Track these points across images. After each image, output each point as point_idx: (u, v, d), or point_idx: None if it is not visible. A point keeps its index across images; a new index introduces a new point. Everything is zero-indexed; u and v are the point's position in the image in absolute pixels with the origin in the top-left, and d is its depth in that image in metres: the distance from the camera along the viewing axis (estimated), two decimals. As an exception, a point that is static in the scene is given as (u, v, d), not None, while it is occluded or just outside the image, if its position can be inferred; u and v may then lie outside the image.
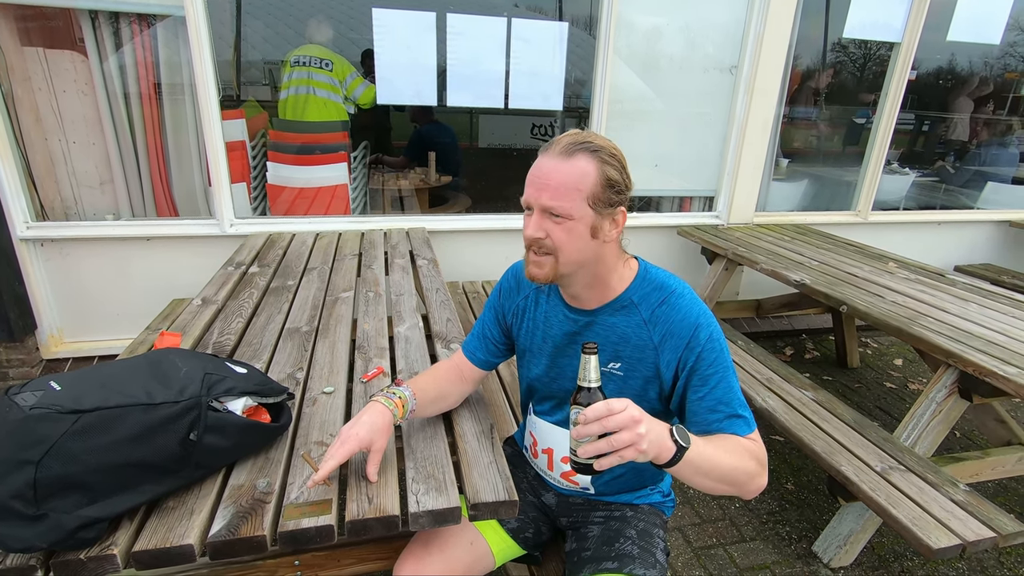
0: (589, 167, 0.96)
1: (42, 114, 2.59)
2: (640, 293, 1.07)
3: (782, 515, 2.20)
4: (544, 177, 0.98)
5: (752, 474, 0.97)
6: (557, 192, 0.96)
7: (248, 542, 0.89)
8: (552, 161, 0.97)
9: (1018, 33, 4.02)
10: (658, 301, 1.05)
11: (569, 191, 0.96)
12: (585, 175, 0.96)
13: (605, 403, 0.82)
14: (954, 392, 1.90)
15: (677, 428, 0.89)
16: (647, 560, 1.12)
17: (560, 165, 0.97)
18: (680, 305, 1.03)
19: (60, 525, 0.82)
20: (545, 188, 0.97)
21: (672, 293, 1.05)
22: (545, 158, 0.99)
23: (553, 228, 0.98)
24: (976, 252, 4.10)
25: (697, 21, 3.10)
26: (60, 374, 0.98)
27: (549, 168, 0.97)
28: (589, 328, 1.11)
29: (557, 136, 1.01)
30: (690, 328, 1.01)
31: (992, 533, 1.51)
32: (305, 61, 3.18)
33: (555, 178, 0.96)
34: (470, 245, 3.15)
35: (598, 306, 1.10)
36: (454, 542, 1.18)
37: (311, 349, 1.55)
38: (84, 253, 2.67)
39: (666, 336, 1.03)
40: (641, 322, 1.06)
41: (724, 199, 3.44)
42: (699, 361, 1.01)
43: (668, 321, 1.03)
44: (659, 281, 1.07)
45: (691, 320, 1.02)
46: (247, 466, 1.05)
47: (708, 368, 1.01)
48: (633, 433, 0.81)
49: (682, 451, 0.87)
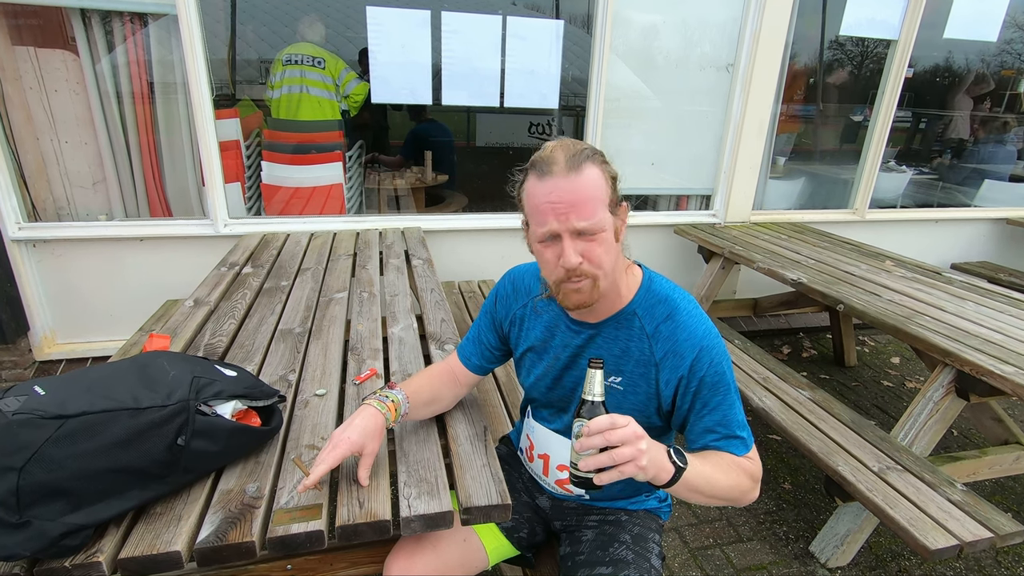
0: (596, 172, 0.92)
1: (33, 113, 2.57)
2: (644, 306, 1.04)
3: (779, 515, 2.19)
4: (565, 199, 0.90)
5: (745, 490, 0.98)
6: (585, 210, 0.90)
7: (237, 548, 0.88)
8: (564, 180, 0.90)
9: (1015, 30, 4.02)
10: (663, 316, 1.02)
11: (595, 204, 0.91)
12: (598, 182, 0.92)
13: (609, 417, 0.82)
14: (951, 391, 1.90)
15: (674, 449, 0.90)
16: (642, 566, 1.11)
17: (576, 181, 0.90)
18: (685, 324, 1.00)
19: (43, 533, 0.80)
20: (573, 210, 0.90)
21: (676, 309, 1.02)
22: (553, 180, 0.90)
23: (589, 248, 0.92)
24: (973, 250, 4.10)
25: (693, 18, 3.09)
26: (45, 378, 0.96)
27: (567, 188, 0.90)
28: (591, 341, 1.08)
29: (543, 155, 0.94)
30: (693, 350, 0.98)
31: (989, 533, 1.51)
32: (298, 59, 3.16)
33: (579, 196, 0.90)
34: (466, 244, 3.14)
35: (603, 319, 1.06)
36: (447, 539, 1.17)
37: (304, 351, 1.53)
38: (77, 254, 2.65)
39: (668, 354, 1.00)
40: (644, 336, 1.03)
41: (721, 197, 3.43)
42: (701, 385, 0.99)
43: (672, 339, 1.00)
44: (663, 294, 1.04)
45: (695, 342, 0.99)
46: (237, 470, 1.03)
47: (710, 392, 0.99)
48: (635, 448, 0.81)
49: (680, 472, 0.87)
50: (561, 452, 1.18)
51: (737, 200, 3.41)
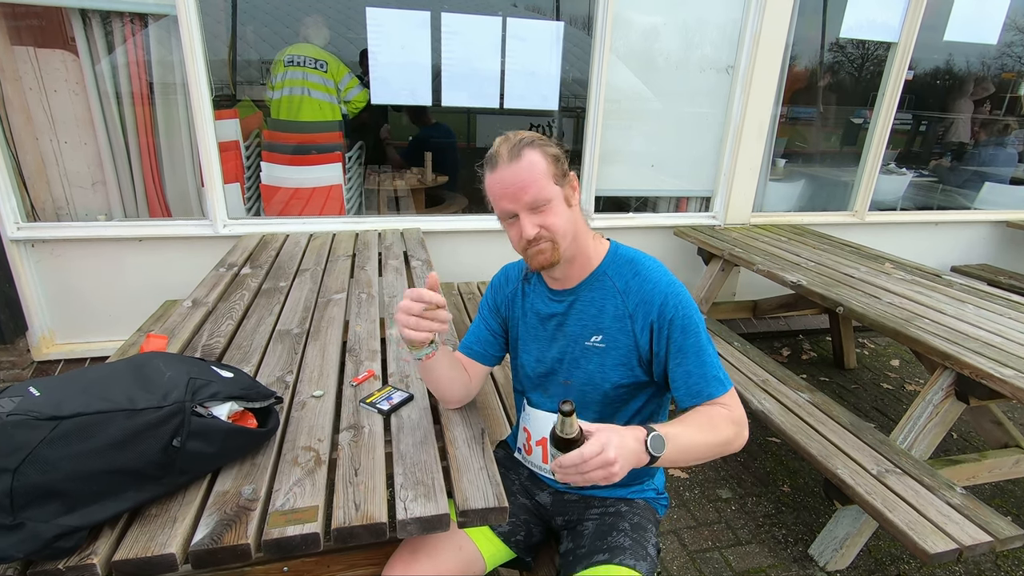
0: (535, 155, 1.06)
1: (33, 114, 2.57)
2: (613, 267, 1.17)
3: (778, 518, 2.19)
4: (511, 183, 1.05)
5: (729, 439, 1.05)
6: (529, 187, 1.05)
7: (232, 550, 0.87)
8: (507, 168, 1.05)
9: (1015, 33, 4.02)
10: (631, 274, 1.15)
11: (537, 181, 1.05)
12: (538, 163, 1.06)
13: (579, 453, 0.87)
14: (951, 394, 1.89)
15: (652, 437, 0.94)
16: (638, 552, 1.13)
17: (517, 167, 1.05)
18: (650, 276, 1.13)
19: (37, 534, 0.80)
20: (519, 190, 1.05)
21: (642, 266, 1.15)
22: (499, 170, 1.06)
23: (543, 218, 1.07)
24: (973, 252, 4.10)
25: (694, 20, 3.09)
26: (40, 379, 0.96)
27: (511, 173, 1.05)
28: (572, 307, 1.19)
29: (491, 152, 1.09)
30: (660, 296, 1.10)
31: (989, 537, 1.50)
32: (300, 61, 3.15)
33: (521, 177, 1.05)
34: (466, 246, 3.13)
35: (577, 283, 1.18)
36: (443, 546, 1.17)
37: (301, 352, 1.53)
38: (76, 254, 2.65)
39: (639, 304, 1.12)
40: (616, 292, 1.15)
41: (721, 199, 3.42)
42: (672, 328, 1.09)
43: (640, 291, 1.12)
44: (629, 256, 1.18)
45: (661, 288, 1.11)
46: (233, 472, 1.03)
47: (681, 335, 1.09)
48: (606, 472, 0.87)
49: (654, 460, 0.94)
50: None
51: (737, 202, 3.40)
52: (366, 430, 1.19)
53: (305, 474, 1.04)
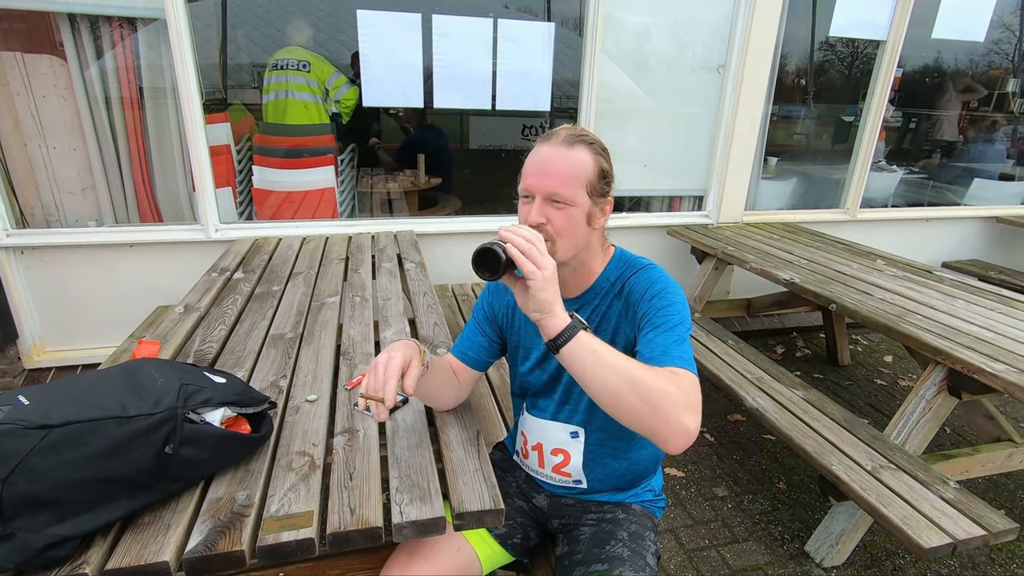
0: (587, 157, 1.02)
1: (21, 119, 2.54)
2: (616, 272, 1.14)
3: (774, 515, 2.19)
4: (548, 164, 1.01)
5: (670, 395, 0.86)
6: (561, 179, 1.00)
7: (226, 557, 0.87)
8: (555, 150, 1.01)
9: (1002, 31, 4.06)
10: (630, 273, 1.12)
11: (572, 178, 1.00)
12: (585, 164, 1.01)
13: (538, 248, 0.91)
14: (943, 389, 1.91)
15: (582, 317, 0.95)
16: (637, 563, 1.11)
17: (563, 154, 1.01)
18: (646, 274, 1.10)
19: (28, 544, 0.79)
20: (549, 175, 1.00)
21: (644, 267, 1.11)
22: (546, 147, 1.02)
23: (554, 214, 1.01)
24: (964, 248, 4.13)
25: (684, 20, 3.10)
26: (29, 387, 0.95)
27: (552, 156, 1.01)
28: None
29: (552, 130, 1.05)
30: (648, 282, 1.07)
31: (982, 531, 1.51)
32: (283, 64, 3.14)
33: (559, 166, 1.00)
34: (460, 247, 3.13)
35: (578, 294, 1.15)
36: (440, 549, 1.17)
37: (295, 356, 1.52)
38: (66, 260, 2.63)
39: (629, 296, 1.10)
40: (615, 295, 1.12)
41: (713, 198, 3.44)
42: (649, 308, 1.04)
43: (635, 285, 1.10)
44: (632, 259, 1.15)
45: (654, 279, 1.08)
46: (226, 478, 1.02)
47: (656, 314, 1.03)
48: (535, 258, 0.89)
49: (567, 332, 0.91)
50: (554, 437, 1.22)
51: (729, 201, 3.42)
52: (361, 434, 1.18)
53: (299, 479, 1.03)
